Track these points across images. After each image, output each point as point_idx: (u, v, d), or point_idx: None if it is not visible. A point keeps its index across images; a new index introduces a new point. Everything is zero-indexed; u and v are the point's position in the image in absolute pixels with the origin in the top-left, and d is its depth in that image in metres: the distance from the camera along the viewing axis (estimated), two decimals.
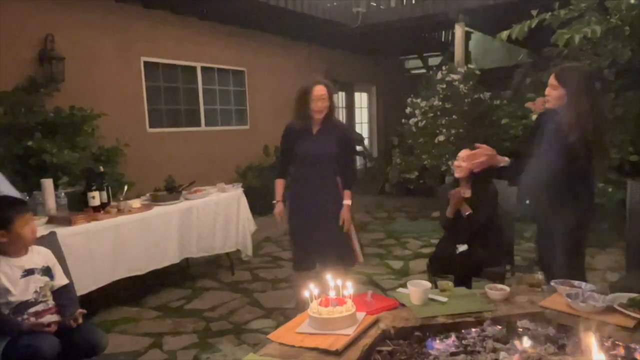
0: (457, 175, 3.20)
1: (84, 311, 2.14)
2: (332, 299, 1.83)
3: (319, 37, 8.48)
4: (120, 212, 3.55)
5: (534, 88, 6.66)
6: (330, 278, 1.87)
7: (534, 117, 6.07)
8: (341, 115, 10.29)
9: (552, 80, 2.57)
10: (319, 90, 2.98)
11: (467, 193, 3.14)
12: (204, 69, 7.10)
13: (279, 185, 3.27)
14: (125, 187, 4.06)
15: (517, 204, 3.35)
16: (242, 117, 7.85)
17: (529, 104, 6.39)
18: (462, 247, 3.09)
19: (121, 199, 3.77)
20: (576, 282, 2.12)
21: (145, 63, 6.29)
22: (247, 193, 4.87)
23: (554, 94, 2.56)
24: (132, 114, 6.16)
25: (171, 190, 4.17)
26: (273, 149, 7.86)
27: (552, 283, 2.13)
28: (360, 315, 1.86)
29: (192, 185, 4.40)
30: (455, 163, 3.25)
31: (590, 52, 4.72)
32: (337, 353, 1.63)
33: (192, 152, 6.88)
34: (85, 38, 5.59)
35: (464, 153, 3.19)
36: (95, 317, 3.50)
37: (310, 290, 1.85)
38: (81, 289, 2.94)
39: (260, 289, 4.20)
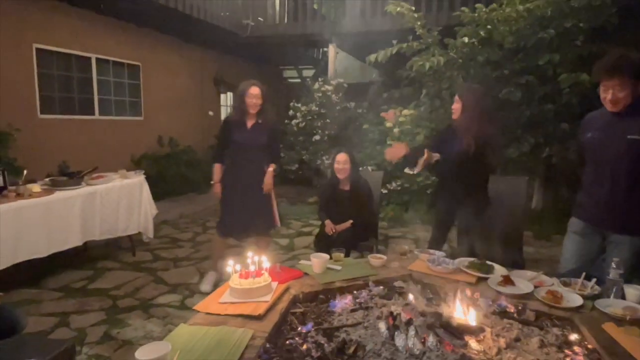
0: (340, 176, 3.20)
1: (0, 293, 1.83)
2: (251, 272, 1.85)
3: (212, 41, 8.14)
4: (20, 196, 3.06)
5: (387, 101, 7.26)
6: (251, 254, 1.88)
7: (388, 124, 6.67)
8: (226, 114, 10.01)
9: (456, 97, 2.73)
10: (254, 90, 3.09)
11: (348, 187, 3.27)
12: (99, 60, 6.35)
13: (218, 168, 3.28)
14: (25, 172, 3.47)
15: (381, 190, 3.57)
16: (136, 109, 7.19)
17: (383, 114, 6.96)
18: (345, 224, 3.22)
19: (20, 183, 3.23)
20: (431, 250, 2.42)
21: (38, 50, 5.42)
22: None
23: (456, 106, 2.71)
24: (22, 99, 5.27)
25: (71, 176, 3.70)
26: (167, 140, 7.39)
27: (416, 252, 2.39)
28: (274, 284, 1.91)
29: (94, 171, 3.95)
30: (337, 166, 3.20)
31: (432, 77, 5.27)
32: (260, 317, 1.65)
33: (86, 139, 6.12)
34: None
35: (342, 157, 3.21)
36: None
37: (232, 265, 1.84)
38: None
39: (162, 267, 3.95)
